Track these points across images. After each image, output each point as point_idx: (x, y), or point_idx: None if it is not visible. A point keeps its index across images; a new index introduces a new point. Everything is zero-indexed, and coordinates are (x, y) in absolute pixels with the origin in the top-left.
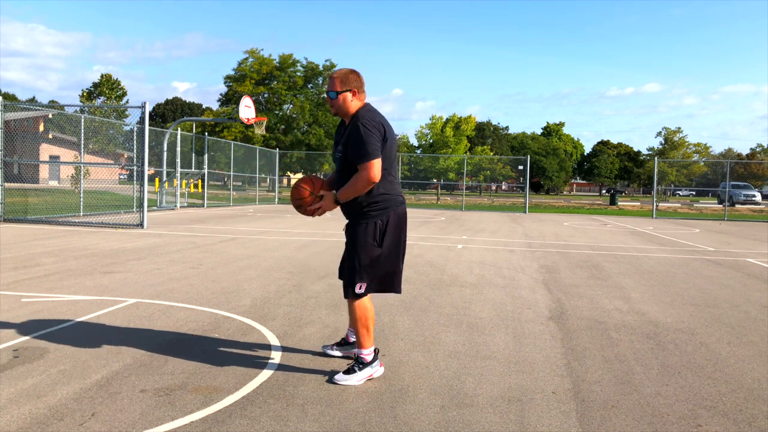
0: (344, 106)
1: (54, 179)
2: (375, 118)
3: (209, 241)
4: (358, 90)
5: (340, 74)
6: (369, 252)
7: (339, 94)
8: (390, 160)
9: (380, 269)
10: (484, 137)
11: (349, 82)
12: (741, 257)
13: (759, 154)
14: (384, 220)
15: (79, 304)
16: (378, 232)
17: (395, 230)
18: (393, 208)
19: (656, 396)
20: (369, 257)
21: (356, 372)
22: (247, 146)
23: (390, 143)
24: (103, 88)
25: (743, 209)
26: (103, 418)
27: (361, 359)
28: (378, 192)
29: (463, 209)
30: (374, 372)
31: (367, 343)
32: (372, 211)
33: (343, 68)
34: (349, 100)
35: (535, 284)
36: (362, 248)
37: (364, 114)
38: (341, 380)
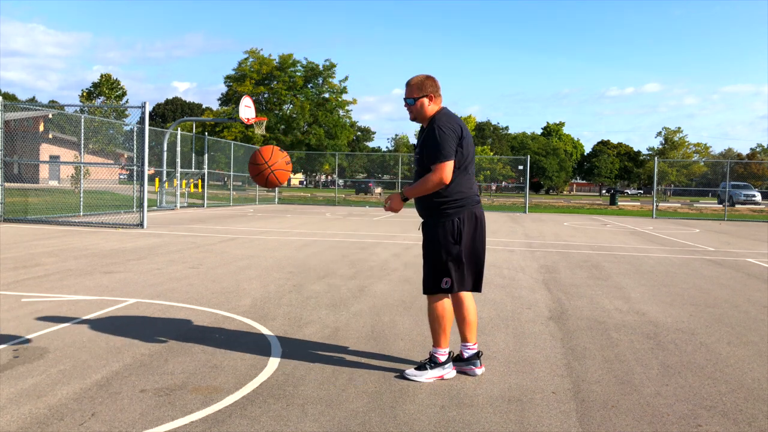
0: (422, 111)
1: (54, 179)
2: (451, 122)
3: (209, 241)
4: (434, 95)
5: (417, 81)
6: (449, 249)
7: (417, 100)
8: (467, 161)
9: (461, 266)
10: (484, 137)
11: (425, 87)
12: (741, 257)
13: (759, 154)
14: (461, 218)
15: (79, 304)
16: (456, 230)
17: (472, 228)
18: (469, 206)
19: (656, 396)
20: (449, 254)
21: (427, 370)
22: (247, 146)
23: (467, 144)
24: (103, 88)
25: (743, 209)
26: (103, 418)
27: (434, 358)
28: (456, 190)
29: None
30: (445, 373)
31: (443, 342)
32: (449, 209)
33: (419, 75)
34: (426, 104)
35: (535, 284)
36: (443, 246)
37: (440, 117)
38: (411, 375)
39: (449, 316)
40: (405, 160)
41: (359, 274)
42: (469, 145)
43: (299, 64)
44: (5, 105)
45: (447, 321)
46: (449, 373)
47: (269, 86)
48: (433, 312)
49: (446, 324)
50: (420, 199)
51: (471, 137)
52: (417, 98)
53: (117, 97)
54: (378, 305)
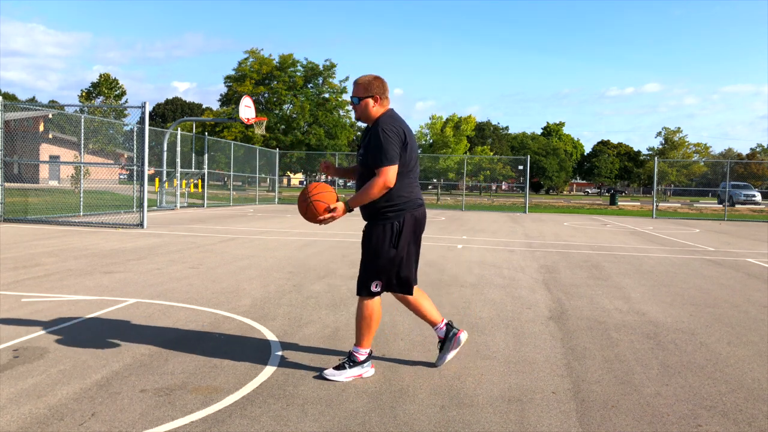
0: (366, 112)
1: (54, 179)
2: (395, 125)
3: (209, 241)
4: (380, 96)
5: (364, 80)
6: (385, 253)
7: (361, 100)
8: (411, 165)
9: (395, 270)
10: (484, 137)
11: (371, 88)
12: (741, 257)
13: (759, 154)
14: (400, 221)
15: (79, 304)
16: (395, 234)
17: (411, 232)
18: (410, 210)
19: (656, 396)
20: (385, 258)
21: (346, 369)
22: (247, 146)
23: (411, 148)
24: (102, 87)
25: (743, 209)
26: (103, 418)
27: (353, 357)
28: (397, 194)
29: (463, 209)
30: (364, 372)
31: (366, 343)
32: (390, 212)
33: (367, 75)
34: (371, 105)
35: (535, 284)
36: (379, 249)
37: (385, 120)
38: (330, 375)
39: (377, 318)
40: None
41: None
42: (413, 149)
43: (299, 64)
44: (5, 105)
45: (374, 322)
46: (368, 371)
47: (269, 86)
48: (362, 312)
49: (373, 325)
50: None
51: (415, 141)
52: (362, 98)
53: (116, 97)
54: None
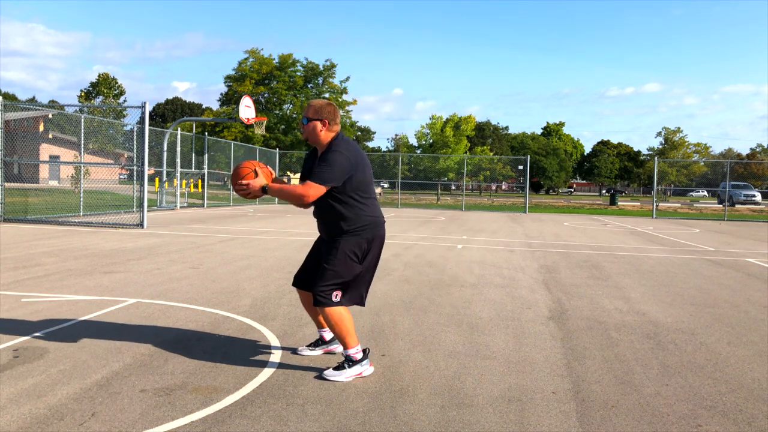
0: (313, 134)
1: (54, 179)
2: (350, 149)
3: (209, 241)
4: (329, 122)
5: (316, 104)
6: (350, 267)
7: (310, 122)
8: (366, 184)
9: (356, 284)
10: (484, 137)
11: (321, 112)
12: (741, 257)
13: (759, 154)
14: (369, 239)
15: (79, 304)
16: (361, 251)
17: (376, 251)
18: (377, 230)
19: (656, 396)
20: (350, 272)
21: (346, 369)
22: (247, 146)
23: (363, 169)
24: (101, 87)
25: (743, 209)
26: (103, 418)
27: (350, 358)
28: (366, 214)
29: (463, 209)
30: (364, 370)
31: (352, 342)
32: (359, 231)
33: (320, 99)
34: (319, 129)
35: (535, 284)
36: (343, 262)
37: (340, 142)
38: (330, 376)
39: (347, 316)
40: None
41: None
42: (366, 170)
43: (299, 64)
44: (5, 105)
45: (347, 322)
46: (367, 369)
47: (269, 86)
48: (332, 318)
49: (348, 325)
50: (328, 223)
51: (368, 162)
52: (311, 119)
53: (115, 96)
54: (378, 305)
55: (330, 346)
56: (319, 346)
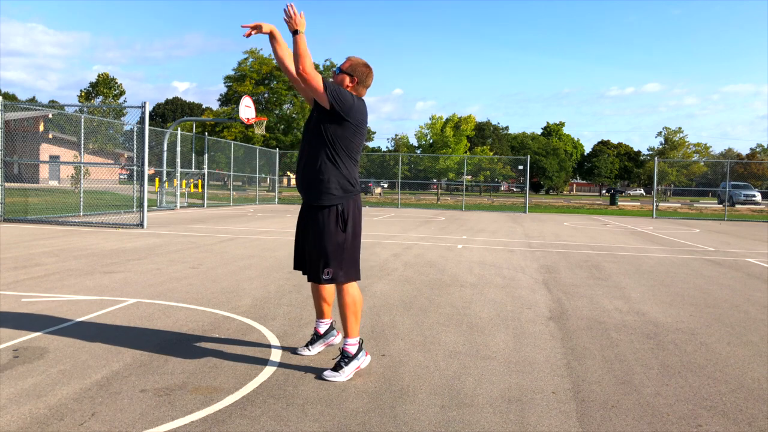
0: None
1: (54, 179)
2: (363, 104)
3: (209, 241)
4: (359, 81)
5: (354, 60)
6: (336, 237)
7: (341, 73)
8: (358, 150)
9: (346, 254)
10: (484, 137)
11: (355, 69)
12: (741, 257)
13: (759, 154)
14: (346, 206)
15: (79, 304)
16: (340, 218)
17: (355, 217)
18: (353, 195)
19: (656, 396)
20: (337, 242)
21: (343, 367)
22: (247, 146)
23: (362, 131)
24: (101, 87)
25: (743, 209)
26: (103, 418)
27: (346, 353)
28: (350, 176)
29: (463, 209)
30: (361, 363)
31: (353, 332)
32: (336, 192)
33: (361, 59)
34: (347, 83)
35: (535, 284)
36: (328, 234)
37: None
38: (330, 377)
39: (360, 301)
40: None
41: None
42: (363, 132)
43: None
44: (5, 105)
45: (359, 306)
46: (364, 361)
47: (269, 86)
48: (346, 298)
49: (358, 310)
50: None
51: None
52: (343, 71)
53: (115, 96)
54: (378, 305)
55: (327, 339)
56: (316, 343)
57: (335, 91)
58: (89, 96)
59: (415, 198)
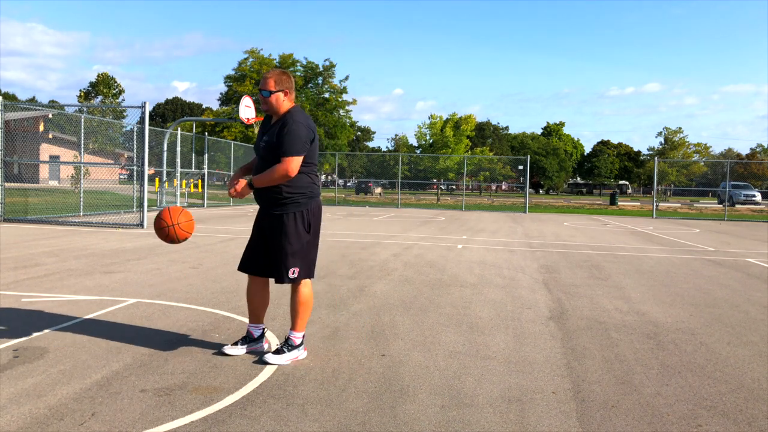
0: (276, 105)
1: (54, 179)
2: (307, 121)
3: (209, 241)
4: (289, 91)
5: (274, 75)
6: (301, 238)
7: (272, 94)
8: (315, 158)
9: (308, 254)
10: (484, 137)
11: (282, 82)
12: (741, 257)
13: (759, 154)
14: (310, 208)
15: (79, 304)
16: (305, 220)
17: (317, 219)
18: (316, 198)
19: (656, 396)
20: (300, 243)
21: (285, 353)
22: (247, 146)
23: (315, 143)
24: (101, 87)
25: (743, 209)
26: (103, 418)
27: (291, 342)
28: (307, 182)
29: (463, 209)
30: (299, 355)
31: (302, 327)
32: (301, 199)
33: (276, 69)
34: (281, 99)
35: (535, 284)
36: (294, 235)
37: (296, 114)
38: (272, 359)
39: (312, 299)
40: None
41: (359, 274)
42: (317, 144)
43: (299, 63)
44: (5, 105)
45: (311, 305)
46: (302, 354)
47: None
48: (301, 297)
49: (310, 308)
50: (268, 190)
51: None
52: (273, 92)
53: (114, 96)
54: (378, 305)
55: (256, 345)
56: (246, 345)
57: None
58: (89, 96)
59: (415, 198)
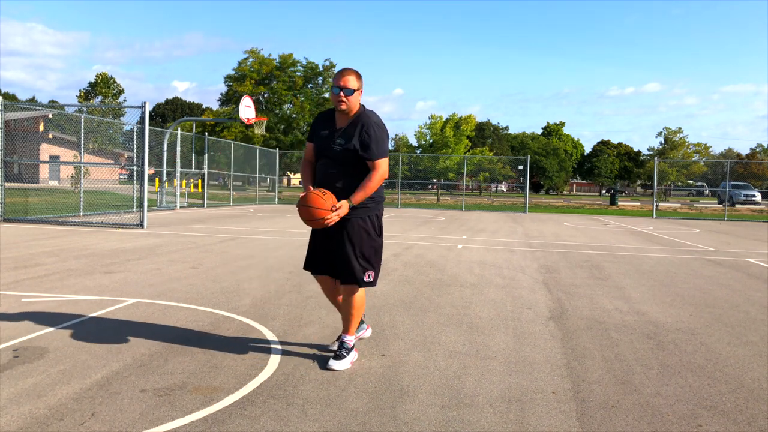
0: (354, 103)
1: (54, 179)
2: (381, 120)
3: (209, 241)
4: (362, 89)
5: (353, 72)
6: (373, 243)
7: (354, 92)
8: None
9: (380, 258)
10: (484, 137)
11: (360, 80)
12: (741, 257)
13: (759, 154)
14: (379, 212)
15: (79, 304)
16: (377, 224)
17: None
18: (382, 201)
19: (656, 396)
20: (374, 247)
21: (346, 357)
22: (247, 146)
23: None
24: (100, 87)
25: (743, 209)
26: (103, 418)
27: (346, 345)
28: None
29: (463, 209)
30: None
31: (354, 329)
32: (370, 203)
33: (349, 68)
34: (358, 98)
35: (535, 284)
36: (367, 240)
37: (372, 114)
38: (336, 365)
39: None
40: (405, 160)
41: None
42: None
43: (299, 64)
44: (5, 105)
45: (363, 309)
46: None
47: (269, 86)
48: (354, 302)
49: (362, 312)
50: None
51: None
52: (356, 90)
53: (114, 96)
54: (378, 305)
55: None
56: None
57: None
58: (88, 96)
59: (415, 198)
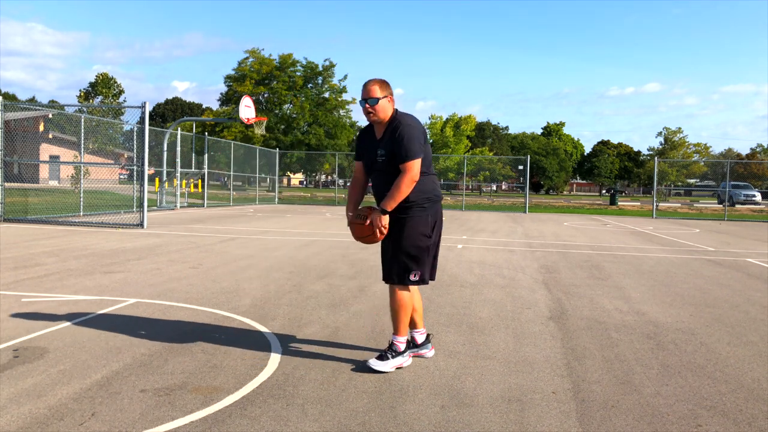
0: (383, 112)
1: (54, 179)
2: (416, 121)
3: (209, 241)
4: (391, 96)
5: (377, 82)
6: (424, 242)
7: (379, 100)
8: (430, 158)
9: (430, 258)
10: (484, 137)
11: (385, 88)
12: (741, 257)
13: (759, 154)
14: (433, 213)
15: (79, 304)
16: (430, 224)
17: (440, 223)
18: (438, 202)
19: (656, 396)
20: (424, 247)
21: (389, 359)
22: (247, 146)
23: (428, 144)
24: (100, 87)
25: (743, 209)
26: (103, 418)
27: (395, 348)
28: (431, 187)
29: (463, 209)
30: (404, 361)
31: (404, 331)
32: (426, 203)
33: (374, 78)
34: (387, 105)
35: (535, 284)
36: (418, 238)
37: (404, 117)
38: (374, 365)
39: (411, 306)
40: None
41: (359, 274)
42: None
43: (299, 64)
44: (5, 105)
45: (410, 309)
46: (407, 361)
47: (269, 86)
48: (400, 300)
49: (410, 312)
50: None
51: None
52: (381, 98)
53: (114, 96)
54: (378, 305)
55: (420, 350)
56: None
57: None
58: (88, 96)
59: None
